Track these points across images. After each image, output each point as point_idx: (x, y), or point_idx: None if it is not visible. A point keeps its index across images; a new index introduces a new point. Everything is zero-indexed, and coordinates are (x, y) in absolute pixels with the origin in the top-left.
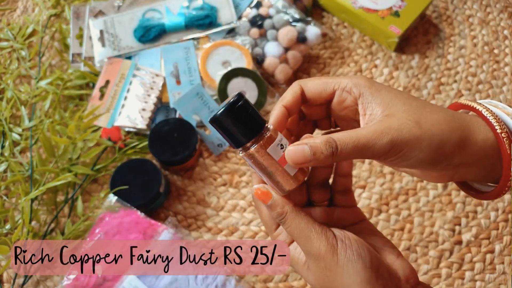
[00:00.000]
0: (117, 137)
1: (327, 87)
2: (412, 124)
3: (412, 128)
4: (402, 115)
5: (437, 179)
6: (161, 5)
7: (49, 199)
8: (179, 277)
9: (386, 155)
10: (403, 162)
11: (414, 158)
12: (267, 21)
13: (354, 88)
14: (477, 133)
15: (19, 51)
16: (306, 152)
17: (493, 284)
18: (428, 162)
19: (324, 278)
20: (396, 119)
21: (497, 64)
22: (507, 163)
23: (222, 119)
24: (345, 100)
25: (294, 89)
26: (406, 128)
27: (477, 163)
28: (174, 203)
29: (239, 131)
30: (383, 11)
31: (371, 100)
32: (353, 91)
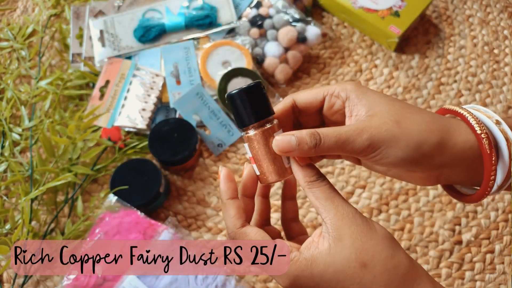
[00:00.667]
0: (117, 137)
1: (317, 95)
2: (392, 124)
3: (391, 127)
4: (384, 115)
5: (424, 180)
6: (161, 5)
7: (49, 199)
8: (179, 277)
9: (365, 151)
10: (384, 160)
11: (393, 156)
12: (267, 21)
13: (341, 92)
14: (457, 135)
15: (19, 51)
16: (292, 142)
17: (493, 284)
18: (409, 161)
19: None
20: (377, 119)
21: (497, 64)
22: (488, 163)
23: (238, 96)
24: (334, 104)
25: (285, 102)
26: (385, 126)
27: (459, 164)
28: (174, 203)
29: (247, 112)
30: (383, 11)
31: (356, 102)
32: (340, 95)
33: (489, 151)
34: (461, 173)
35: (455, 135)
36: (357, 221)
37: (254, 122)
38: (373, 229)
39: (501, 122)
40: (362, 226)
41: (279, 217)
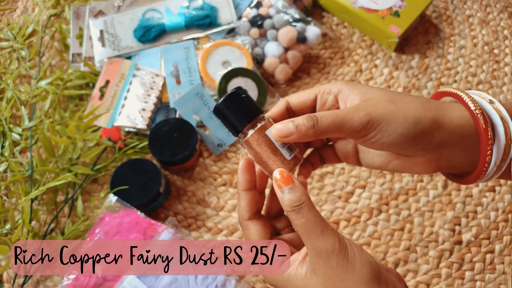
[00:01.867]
0: (117, 137)
1: (310, 95)
2: (387, 102)
3: (387, 105)
4: (378, 98)
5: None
6: (161, 5)
7: (49, 199)
8: (179, 277)
9: (365, 129)
10: (385, 139)
11: (393, 132)
12: (267, 21)
13: (332, 88)
14: (452, 111)
15: (19, 51)
16: (290, 126)
17: (493, 284)
18: (410, 139)
19: (334, 277)
20: (371, 100)
21: (497, 64)
22: (484, 138)
23: (221, 107)
24: (326, 101)
25: (279, 104)
26: (381, 105)
27: (457, 142)
28: (174, 203)
29: (237, 118)
30: (383, 11)
31: (349, 93)
32: (332, 91)
33: (484, 126)
34: (460, 154)
35: (449, 112)
36: (331, 262)
37: (246, 124)
38: (351, 271)
39: (494, 101)
40: (336, 269)
41: None
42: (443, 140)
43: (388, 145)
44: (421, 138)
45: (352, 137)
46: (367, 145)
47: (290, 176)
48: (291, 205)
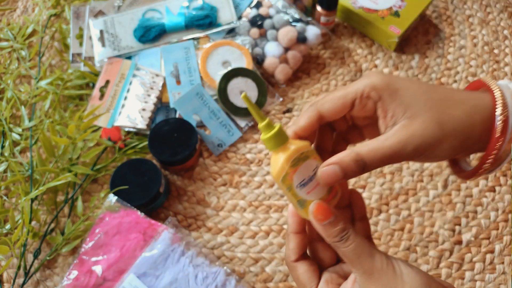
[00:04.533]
0: (117, 137)
1: (345, 101)
2: (434, 127)
3: (434, 131)
4: (425, 117)
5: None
6: (161, 5)
7: (49, 199)
8: (179, 277)
9: (410, 158)
10: (425, 160)
11: (436, 157)
12: (267, 21)
13: (372, 92)
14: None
15: (19, 51)
16: (337, 172)
17: (493, 284)
18: (449, 157)
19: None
20: (418, 123)
21: (497, 64)
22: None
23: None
24: (365, 106)
25: (309, 115)
26: (428, 132)
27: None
28: (174, 203)
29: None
30: (383, 11)
31: (390, 102)
32: (371, 95)
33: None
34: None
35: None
36: (382, 280)
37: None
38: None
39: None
40: (388, 286)
41: (279, 217)
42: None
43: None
44: (462, 152)
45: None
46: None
47: (328, 207)
48: (338, 235)
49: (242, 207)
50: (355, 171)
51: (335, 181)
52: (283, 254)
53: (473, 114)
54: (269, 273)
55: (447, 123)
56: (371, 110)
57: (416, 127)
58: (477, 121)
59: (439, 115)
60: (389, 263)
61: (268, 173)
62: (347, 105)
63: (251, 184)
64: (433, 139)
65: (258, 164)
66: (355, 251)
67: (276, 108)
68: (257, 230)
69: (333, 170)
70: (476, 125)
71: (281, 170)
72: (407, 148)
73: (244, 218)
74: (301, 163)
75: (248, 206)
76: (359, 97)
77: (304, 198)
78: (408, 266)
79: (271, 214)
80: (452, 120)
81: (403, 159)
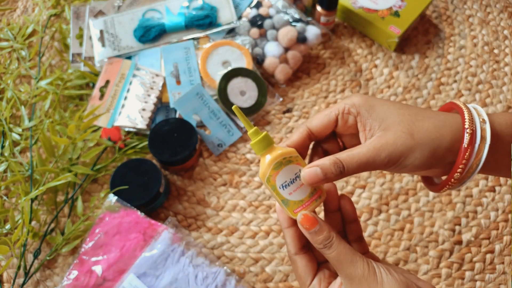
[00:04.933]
0: (117, 137)
1: (330, 117)
2: (405, 137)
3: (405, 141)
4: (397, 128)
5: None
6: (161, 5)
7: (49, 199)
8: (179, 277)
9: (386, 166)
10: (402, 170)
11: (410, 165)
12: (267, 21)
13: (351, 108)
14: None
15: (19, 51)
16: (318, 173)
17: (493, 284)
18: (424, 167)
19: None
20: (391, 133)
21: (497, 64)
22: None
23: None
24: (347, 121)
25: (300, 131)
26: (400, 141)
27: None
28: (174, 203)
29: None
30: (383, 11)
31: (367, 116)
32: (351, 111)
33: (466, 146)
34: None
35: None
36: (363, 286)
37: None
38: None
39: (486, 121)
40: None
41: None
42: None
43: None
44: (434, 164)
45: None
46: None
47: (314, 217)
48: (322, 243)
49: (242, 207)
50: (335, 173)
51: (316, 181)
52: (283, 254)
53: (442, 127)
54: (269, 273)
55: (417, 133)
56: (353, 126)
57: (389, 137)
58: (446, 133)
59: (410, 126)
60: (371, 270)
61: None
62: (331, 121)
63: (251, 184)
64: (404, 147)
65: (258, 164)
66: (337, 257)
67: (276, 108)
68: (257, 230)
69: (315, 171)
70: (446, 136)
71: (265, 171)
72: (381, 155)
73: (244, 218)
74: (283, 166)
75: (248, 206)
76: (341, 113)
77: (287, 198)
78: (390, 274)
79: (271, 214)
80: (422, 130)
81: (379, 166)
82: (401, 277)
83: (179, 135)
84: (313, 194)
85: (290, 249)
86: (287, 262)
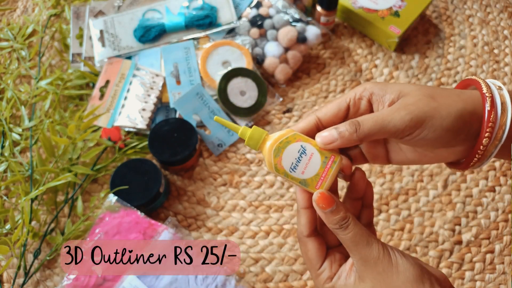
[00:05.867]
0: (117, 137)
1: (341, 105)
2: (427, 98)
3: (428, 101)
4: (416, 93)
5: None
6: (161, 5)
7: (49, 199)
8: (179, 277)
9: (409, 128)
10: (431, 135)
11: (439, 127)
12: (267, 21)
13: (363, 92)
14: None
15: (19, 51)
16: (333, 133)
17: (493, 284)
18: (454, 131)
19: (381, 282)
20: (410, 96)
21: (497, 64)
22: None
23: None
24: (359, 106)
25: (309, 119)
26: (422, 101)
27: None
28: (174, 203)
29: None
30: (383, 11)
31: (383, 93)
32: (363, 95)
33: (489, 108)
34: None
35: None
36: (378, 268)
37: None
38: (396, 274)
39: (502, 88)
40: (383, 274)
41: (279, 217)
42: (479, 130)
43: (434, 140)
44: (463, 130)
45: (396, 136)
46: (411, 143)
47: (331, 196)
48: (338, 223)
49: (242, 207)
50: (349, 131)
51: (330, 141)
52: (283, 254)
53: (461, 94)
54: (269, 273)
55: (440, 95)
56: (367, 110)
57: (409, 99)
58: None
59: (429, 92)
60: (386, 252)
61: (268, 173)
62: (342, 109)
63: (251, 184)
64: (428, 107)
65: (258, 164)
66: (353, 239)
67: (276, 108)
68: (257, 230)
69: (330, 132)
70: (467, 101)
71: (269, 161)
72: (400, 111)
73: (244, 218)
74: (283, 150)
75: (248, 206)
76: (353, 100)
77: (302, 178)
78: (404, 257)
79: (271, 214)
80: (443, 94)
81: (400, 126)
82: (415, 260)
83: (179, 135)
84: (326, 163)
85: (303, 230)
86: (287, 262)
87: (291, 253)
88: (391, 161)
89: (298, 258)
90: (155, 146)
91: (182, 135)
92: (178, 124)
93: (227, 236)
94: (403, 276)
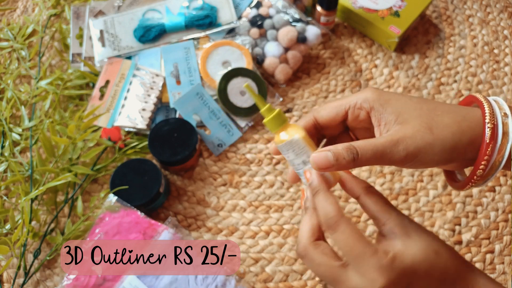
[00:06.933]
0: (117, 137)
1: (339, 110)
2: (424, 131)
3: (424, 135)
4: (415, 122)
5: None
6: (161, 5)
7: (49, 199)
8: (179, 277)
9: (403, 161)
10: (421, 166)
11: (430, 161)
12: (267, 21)
13: (363, 103)
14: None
15: (19, 51)
16: (329, 157)
17: None
18: (443, 163)
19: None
20: (410, 127)
21: (497, 64)
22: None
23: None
24: (358, 115)
25: (307, 119)
26: (419, 135)
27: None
28: (174, 203)
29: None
30: (383, 11)
31: (382, 111)
32: (363, 106)
33: (488, 141)
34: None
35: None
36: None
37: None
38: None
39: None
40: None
41: (279, 217)
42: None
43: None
44: (455, 159)
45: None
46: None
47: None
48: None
49: (242, 207)
50: (347, 159)
51: (326, 166)
52: (283, 254)
53: (462, 121)
54: (269, 273)
55: (436, 128)
56: (365, 121)
57: (407, 130)
58: (466, 127)
59: (428, 121)
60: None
61: (268, 173)
62: (340, 114)
63: (251, 184)
64: (424, 142)
65: (258, 164)
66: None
67: (276, 108)
68: (257, 230)
69: (325, 155)
70: (466, 131)
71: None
72: (398, 146)
73: (244, 218)
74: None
75: (248, 206)
76: (352, 107)
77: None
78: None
79: (271, 214)
80: (441, 126)
81: (395, 159)
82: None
83: (179, 135)
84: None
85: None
86: (287, 262)
87: (291, 253)
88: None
89: (298, 258)
90: (155, 146)
91: (182, 135)
92: (178, 124)
93: (227, 236)
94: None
